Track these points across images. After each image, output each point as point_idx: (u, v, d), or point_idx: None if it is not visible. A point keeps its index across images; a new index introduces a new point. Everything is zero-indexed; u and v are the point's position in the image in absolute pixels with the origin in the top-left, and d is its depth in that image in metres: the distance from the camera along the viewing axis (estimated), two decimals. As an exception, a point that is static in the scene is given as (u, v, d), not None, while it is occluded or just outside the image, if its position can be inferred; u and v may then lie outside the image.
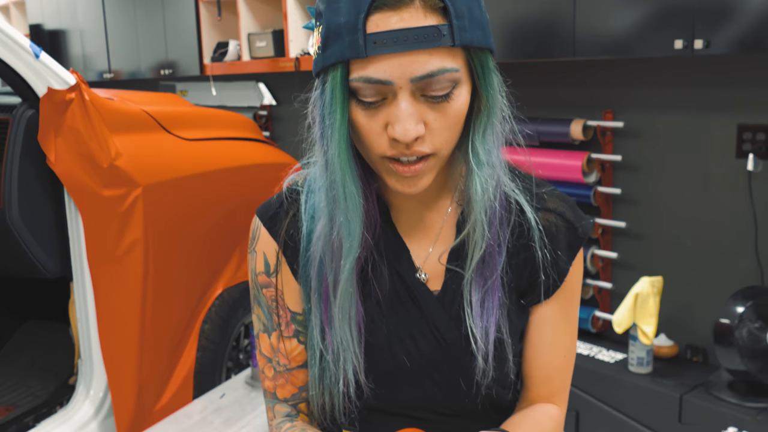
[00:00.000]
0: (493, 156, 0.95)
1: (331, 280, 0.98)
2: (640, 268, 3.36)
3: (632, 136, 3.35)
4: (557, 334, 1.06)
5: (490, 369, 0.99)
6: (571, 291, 1.06)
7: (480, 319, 0.98)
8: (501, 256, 0.99)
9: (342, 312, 0.97)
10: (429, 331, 1.00)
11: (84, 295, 2.28)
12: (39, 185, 2.19)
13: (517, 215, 1.01)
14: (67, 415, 2.30)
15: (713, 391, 2.92)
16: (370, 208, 0.98)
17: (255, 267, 1.07)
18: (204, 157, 2.66)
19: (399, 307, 1.01)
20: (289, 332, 1.06)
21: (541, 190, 1.05)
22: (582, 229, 1.04)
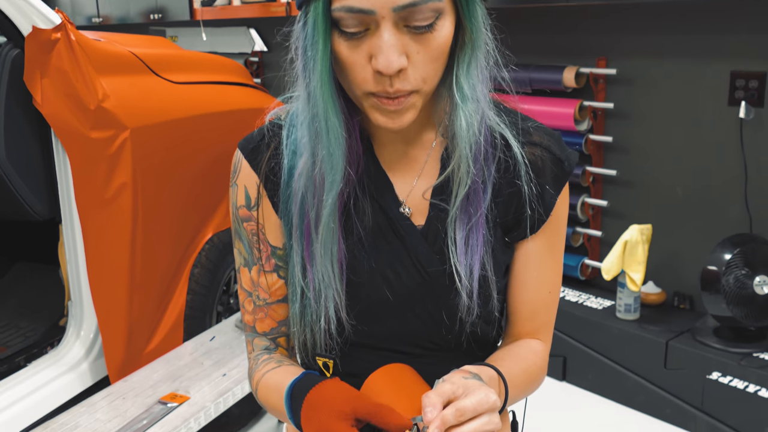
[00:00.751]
0: (477, 90, 0.94)
1: (312, 216, 0.98)
2: (630, 216, 3.37)
3: (625, 83, 3.33)
4: (543, 270, 1.06)
5: (474, 306, 0.99)
6: (556, 226, 1.06)
7: (464, 256, 0.98)
8: (486, 193, 0.99)
9: (324, 248, 0.97)
10: (412, 265, 1.00)
11: (73, 237, 2.28)
12: (26, 126, 2.17)
13: (503, 150, 1.01)
14: (57, 356, 2.32)
15: (699, 337, 2.96)
16: (353, 143, 0.97)
17: (236, 200, 1.07)
18: (193, 100, 2.64)
19: (381, 241, 1.01)
20: (269, 266, 1.05)
21: (527, 124, 1.04)
22: (568, 163, 1.04)
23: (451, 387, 0.85)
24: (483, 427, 0.84)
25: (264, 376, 1.04)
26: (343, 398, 0.86)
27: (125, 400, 2.16)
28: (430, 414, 0.82)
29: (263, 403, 1.05)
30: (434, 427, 0.82)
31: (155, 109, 2.42)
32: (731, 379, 2.78)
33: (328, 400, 0.87)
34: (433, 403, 0.83)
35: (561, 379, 3.34)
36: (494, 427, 0.84)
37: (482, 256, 0.99)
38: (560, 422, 3.01)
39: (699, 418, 2.87)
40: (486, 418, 0.84)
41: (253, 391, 1.07)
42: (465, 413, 0.83)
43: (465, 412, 0.83)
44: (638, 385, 3.06)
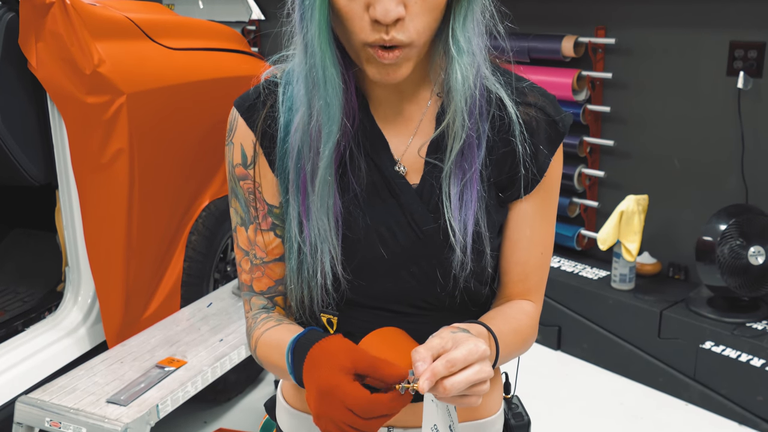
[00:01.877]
0: (473, 44, 0.95)
1: (309, 169, 0.98)
2: (627, 186, 3.38)
3: (624, 53, 3.32)
4: (535, 231, 1.06)
5: (468, 261, 1.00)
6: (550, 187, 1.06)
7: (458, 211, 0.98)
8: (480, 148, 0.99)
9: (320, 201, 0.97)
10: (407, 223, 1.00)
11: (70, 203, 2.29)
12: (21, 90, 2.17)
13: (498, 109, 1.01)
14: (55, 321, 2.33)
15: (693, 306, 2.98)
16: (349, 97, 0.97)
17: (232, 159, 1.06)
18: (190, 66, 2.63)
19: (376, 199, 1.01)
20: (266, 225, 1.06)
21: (522, 84, 1.04)
22: (562, 124, 1.04)
23: (440, 341, 0.86)
24: (474, 376, 0.84)
25: (264, 333, 1.04)
26: (345, 353, 0.87)
27: (123, 363, 2.17)
28: (421, 367, 0.83)
29: (262, 361, 1.06)
30: (424, 379, 0.82)
31: (151, 75, 2.41)
32: (724, 348, 2.80)
33: (331, 354, 0.87)
34: (422, 357, 0.84)
35: (556, 348, 3.36)
36: (486, 376, 0.85)
37: (476, 211, 1.00)
38: (555, 391, 3.04)
39: (692, 386, 2.90)
40: (477, 367, 0.84)
41: (251, 349, 1.08)
42: (456, 364, 0.83)
43: (455, 362, 0.83)
44: (632, 354, 3.09)
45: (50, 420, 1.94)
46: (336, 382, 0.85)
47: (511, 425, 1.20)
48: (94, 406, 1.95)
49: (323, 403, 0.85)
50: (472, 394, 0.86)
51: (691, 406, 2.90)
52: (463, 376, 0.84)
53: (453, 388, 0.83)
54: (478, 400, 0.87)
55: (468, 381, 0.84)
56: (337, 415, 0.84)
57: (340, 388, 0.84)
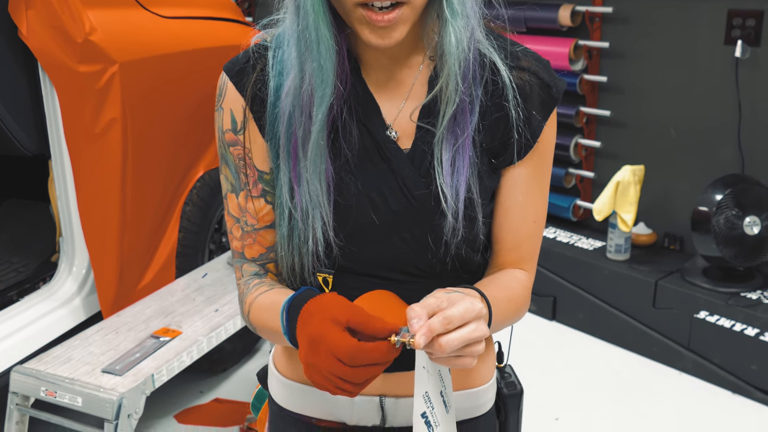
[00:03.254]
0: (467, 7, 0.94)
1: (300, 134, 0.96)
2: (623, 157, 3.37)
3: (621, 22, 3.29)
4: (528, 198, 1.05)
5: (459, 228, 0.99)
6: (543, 153, 1.05)
7: (450, 177, 0.98)
8: (473, 114, 0.98)
9: (312, 166, 0.96)
10: (398, 189, 0.99)
11: (63, 173, 2.27)
12: (12, 59, 2.14)
13: (491, 73, 1.00)
14: (50, 291, 2.33)
15: (688, 277, 2.99)
16: (342, 60, 0.96)
17: (222, 125, 1.04)
18: (183, 35, 2.60)
19: (368, 164, 1.00)
20: (256, 191, 1.05)
21: (516, 48, 1.03)
22: (556, 89, 1.02)
23: (435, 300, 0.85)
24: (471, 334, 0.83)
25: (257, 298, 1.04)
26: (340, 306, 0.86)
27: (118, 334, 2.18)
28: (416, 324, 0.83)
29: (255, 325, 1.05)
30: (421, 334, 0.82)
31: (144, 44, 2.38)
32: (718, 318, 2.81)
33: (324, 307, 0.87)
34: (418, 315, 0.83)
35: (551, 318, 3.38)
36: (481, 335, 0.85)
37: (468, 177, 0.99)
38: (550, 361, 3.06)
39: (686, 356, 2.92)
40: (473, 326, 0.84)
41: (244, 315, 1.07)
42: (452, 321, 0.83)
43: (452, 319, 0.83)
44: (627, 324, 3.10)
45: (46, 389, 1.94)
46: (325, 331, 0.84)
47: (504, 394, 1.20)
48: (90, 375, 1.96)
49: (312, 352, 0.85)
50: (466, 354, 0.85)
51: (684, 375, 2.92)
52: (458, 334, 0.83)
53: (448, 346, 0.83)
54: (473, 362, 0.86)
55: (463, 339, 0.83)
56: (324, 365, 0.84)
57: (329, 337, 0.84)
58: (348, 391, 0.85)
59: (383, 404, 1.08)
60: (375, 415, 1.09)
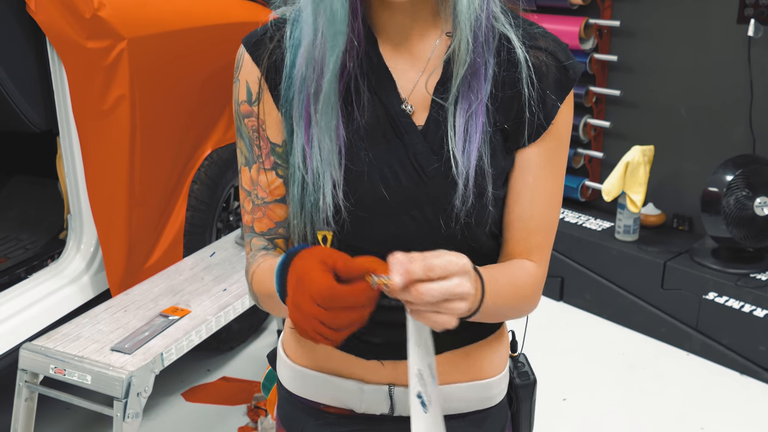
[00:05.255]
0: None
1: (313, 89, 0.96)
2: (633, 137, 3.34)
3: (632, 0, 3.26)
4: (540, 183, 1.02)
5: (469, 194, 0.96)
6: (558, 138, 1.02)
7: (463, 142, 0.96)
8: (487, 80, 0.97)
9: (324, 121, 0.95)
10: (411, 165, 0.98)
11: (71, 149, 2.26)
12: (20, 34, 2.12)
13: (506, 50, 0.98)
14: (58, 269, 2.33)
15: (696, 257, 2.98)
16: (357, 25, 0.95)
17: (238, 96, 1.05)
18: (192, 12, 2.58)
19: (379, 136, 0.98)
20: (268, 164, 1.04)
21: (533, 29, 1.01)
22: (573, 71, 1.00)
23: (419, 254, 0.83)
24: (453, 287, 0.80)
25: (260, 265, 1.03)
26: (328, 251, 0.85)
27: (127, 312, 2.17)
28: (396, 270, 0.81)
29: (257, 293, 1.04)
30: (398, 274, 0.80)
31: (153, 20, 2.36)
32: (727, 299, 2.80)
33: (314, 252, 0.85)
34: (399, 261, 0.81)
35: (558, 299, 3.37)
36: (464, 291, 0.81)
37: (480, 145, 0.97)
38: (557, 341, 3.06)
39: (694, 337, 2.91)
40: (456, 279, 0.80)
41: (248, 285, 1.07)
42: (433, 269, 0.80)
43: (433, 268, 0.80)
44: (635, 305, 3.10)
45: (55, 367, 1.94)
46: (308, 269, 0.82)
47: (516, 384, 1.18)
48: (99, 353, 1.96)
49: (295, 292, 0.83)
50: (445, 311, 0.81)
51: (692, 356, 2.92)
52: (439, 284, 0.80)
53: (428, 294, 0.80)
54: (452, 321, 0.82)
55: (444, 291, 0.80)
56: (305, 305, 0.81)
57: (309, 275, 0.81)
58: (327, 338, 0.82)
59: (392, 393, 1.07)
60: (384, 404, 1.08)
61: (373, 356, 1.06)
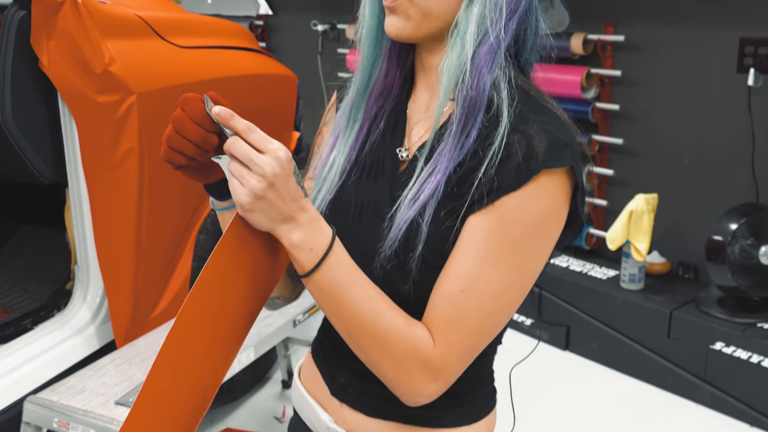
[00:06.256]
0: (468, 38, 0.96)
1: (351, 95, 1.10)
2: (636, 185, 3.37)
3: (633, 50, 3.30)
4: (466, 259, 0.94)
5: (396, 243, 0.96)
6: (505, 225, 0.93)
7: (414, 193, 0.97)
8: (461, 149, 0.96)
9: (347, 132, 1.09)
10: (372, 203, 1.04)
11: (79, 201, 2.28)
12: (32, 89, 2.15)
13: (494, 125, 0.95)
14: (64, 319, 2.32)
15: (703, 307, 2.97)
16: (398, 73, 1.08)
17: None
18: (199, 65, 2.61)
19: (371, 171, 1.07)
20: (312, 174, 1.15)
21: (531, 115, 0.95)
22: (538, 163, 0.92)
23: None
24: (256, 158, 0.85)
25: None
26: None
27: (132, 364, 2.16)
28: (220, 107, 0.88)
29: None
30: (222, 107, 0.87)
31: (162, 74, 2.40)
32: (735, 349, 2.79)
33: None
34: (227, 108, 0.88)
35: (564, 348, 3.35)
36: (267, 170, 0.85)
37: (426, 201, 0.96)
38: (563, 391, 3.03)
39: (702, 388, 2.89)
40: (266, 157, 0.86)
41: None
42: (253, 133, 0.87)
43: (254, 131, 0.87)
44: (641, 355, 3.08)
45: (59, 420, 1.93)
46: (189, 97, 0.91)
47: None
48: (103, 407, 1.95)
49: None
50: (242, 179, 0.86)
51: (701, 408, 2.89)
52: (245, 147, 0.86)
53: (233, 146, 0.86)
54: (243, 193, 0.86)
55: (246, 153, 0.85)
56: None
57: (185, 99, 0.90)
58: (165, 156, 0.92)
59: None
60: None
61: (341, 397, 1.10)
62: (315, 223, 0.92)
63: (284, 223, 0.89)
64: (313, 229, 0.91)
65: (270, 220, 0.88)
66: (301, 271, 0.93)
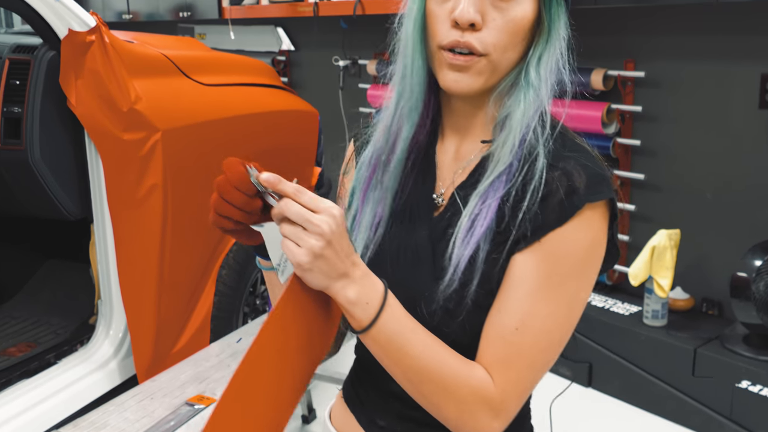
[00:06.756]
0: (542, 85, 0.99)
1: (384, 158, 1.08)
2: (658, 220, 3.35)
3: (653, 86, 3.31)
4: (516, 296, 0.97)
5: (455, 281, 0.97)
6: (553, 260, 0.96)
7: (466, 231, 0.99)
8: (508, 182, 1.00)
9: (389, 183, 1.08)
10: (411, 249, 1.04)
11: (104, 237, 2.31)
12: (60, 127, 2.20)
13: (531, 161, 1.00)
14: (87, 354, 2.34)
15: (728, 344, 2.93)
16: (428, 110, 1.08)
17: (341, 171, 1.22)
18: (223, 102, 2.65)
19: (406, 217, 1.08)
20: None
21: (565, 152, 1.00)
22: (579, 197, 0.96)
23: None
24: (311, 218, 0.86)
25: None
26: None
27: (153, 400, 2.17)
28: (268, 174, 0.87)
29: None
30: (270, 174, 0.86)
31: (186, 111, 2.44)
32: (761, 387, 2.75)
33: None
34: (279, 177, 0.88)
35: (587, 385, 3.32)
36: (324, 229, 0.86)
37: (481, 238, 0.98)
38: (586, 429, 3.00)
39: (728, 427, 2.84)
40: (321, 217, 0.86)
41: None
42: (303, 194, 0.87)
43: (304, 193, 0.87)
44: (666, 392, 3.04)
45: (82, 456, 1.94)
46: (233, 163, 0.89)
47: None
48: (126, 443, 1.96)
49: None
50: (300, 241, 0.86)
51: (726, 447, 2.85)
52: (300, 207, 0.86)
53: (287, 209, 0.86)
54: (301, 254, 0.86)
55: (302, 215, 0.86)
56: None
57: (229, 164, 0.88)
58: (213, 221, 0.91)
59: None
60: None
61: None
62: (367, 277, 0.93)
63: (339, 279, 0.90)
64: (366, 284, 0.92)
65: (326, 277, 0.89)
66: (357, 327, 0.93)
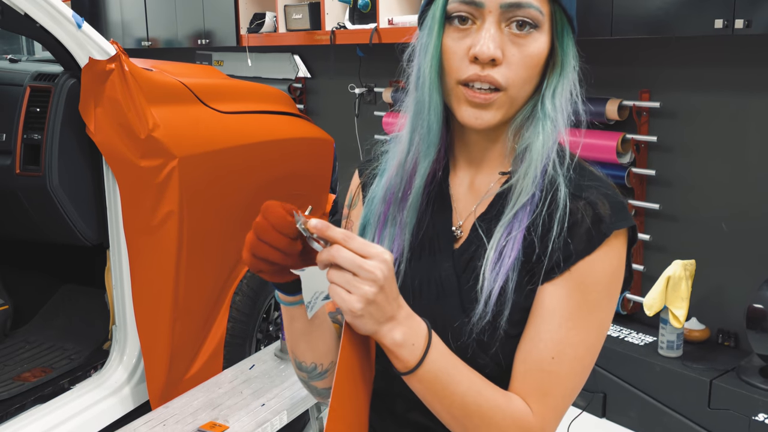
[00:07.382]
0: (558, 116, 1.01)
1: (399, 195, 1.07)
2: (673, 250, 3.33)
3: (668, 116, 3.31)
4: (549, 326, 0.98)
5: (488, 312, 0.98)
6: (583, 288, 0.98)
7: (494, 263, 0.99)
8: (532, 212, 1.01)
9: (408, 218, 1.06)
10: (435, 282, 1.04)
11: (120, 263, 2.32)
12: (79, 154, 2.22)
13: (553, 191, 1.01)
14: (101, 380, 2.35)
15: (744, 376, 2.90)
16: (442, 147, 1.07)
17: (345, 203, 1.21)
18: (239, 130, 2.68)
19: (425, 252, 1.07)
20: None
21: (584, 182, 1.02)
22: (608, 226, 0.98)
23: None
24: (363, 263, 0.85)
25: None
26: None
27: (165, 426, 2.18)
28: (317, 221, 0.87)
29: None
30: (318, 221, 0.86)
31: (203, 139, 2.46)
32: (778, 421, 2.72)
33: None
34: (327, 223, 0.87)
35: (601, 416, 3.29)
36: (375, 277, 0.85)
37: (510, 269, 0.99)
38: (600, 460, 2.97)
39: (744, 460, 2.81)
40: (372, 262, 0.85)
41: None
42: (353, 240, 0.86)
43: (354, 239, 0.86)
44: (681, 424, 3.01)
45: (94, 482, 1.94)
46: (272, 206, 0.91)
47: None
48: (138, 469, 1.96)
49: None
50: (352, 288, 0.85)
51: (743, 481, 2.81)
52: (351, 254, 0.85)
53: (338, 256, 0.85)
54: (355, 302, 0.86)
55: (353, 261, 0.85)
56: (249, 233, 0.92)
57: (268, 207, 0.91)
58: (249, 263, 0.93)
59: None
60: None
61: None
62: (411, 317, 0.93)
63: (387, 323, 0.90)
64: (411, 325, 0.92)
65: (376, 322, 0.89)
66: (403, 369, 0.93)
